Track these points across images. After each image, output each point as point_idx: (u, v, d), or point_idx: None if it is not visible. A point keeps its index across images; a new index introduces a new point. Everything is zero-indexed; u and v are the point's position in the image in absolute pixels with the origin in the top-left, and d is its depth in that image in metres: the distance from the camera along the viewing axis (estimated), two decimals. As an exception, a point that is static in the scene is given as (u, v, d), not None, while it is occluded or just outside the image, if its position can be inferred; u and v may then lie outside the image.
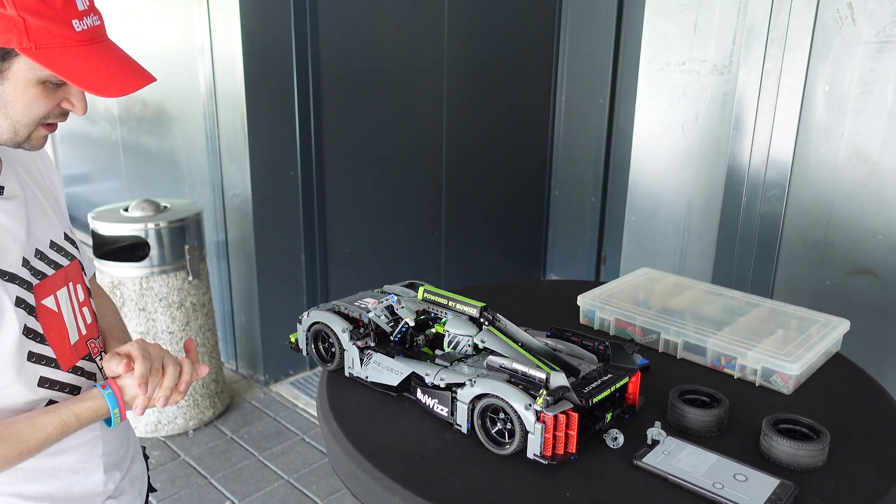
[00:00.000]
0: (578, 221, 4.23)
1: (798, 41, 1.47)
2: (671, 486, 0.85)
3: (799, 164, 1.52)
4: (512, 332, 1.02)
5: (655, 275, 1.40)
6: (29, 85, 0.87)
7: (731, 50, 1.57)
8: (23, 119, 0.89)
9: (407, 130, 3.42)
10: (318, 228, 3.20)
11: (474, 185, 3.81)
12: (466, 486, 0.86)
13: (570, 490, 0.84)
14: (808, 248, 1.54)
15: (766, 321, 1.20)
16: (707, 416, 0.94)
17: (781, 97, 1.52)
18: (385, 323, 1.08)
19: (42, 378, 0.95)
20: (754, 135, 1.56)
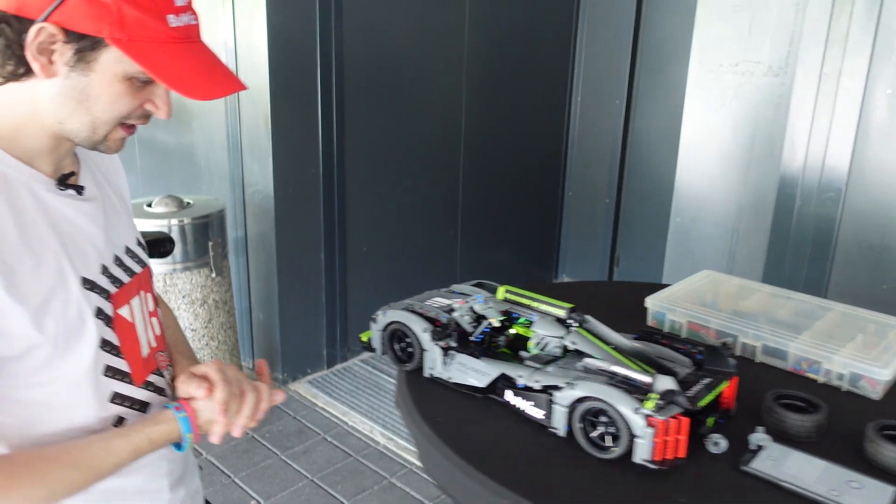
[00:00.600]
0: (591, 222, 4.22)
1: (859, 43, 1.46)
2: (785, 493, 0.83)
3: (857, 167, 1.51)
4: (603, 334, 1.00)
5: (718, 277, 1.39)
6: (115, 80, 0.83)
7: (788, 52, 1.57)
8: (104, 116, 0.85)
9: (426, 130, 3.40)
10: (337, 226, 3.17)
11: (490, 184, 3.80)
12: (575, 490, 0.84)
13: (683, 496, 0.83)
14: (864, 251, 1.54)
15: (842, 325, 1.19)
16: (808, 421, 0.93)
17: (840, 99, 1.52)
18: (468, 323, 1.06)
19: (115, 394, 0.91)
20: (810, 137, 1.56)
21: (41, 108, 0.84)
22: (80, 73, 0.81)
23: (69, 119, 0.84)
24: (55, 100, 0.83)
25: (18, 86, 0.83)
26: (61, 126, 0.85)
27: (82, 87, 0.83)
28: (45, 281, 0.82)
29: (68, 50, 0.80)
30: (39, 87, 0.82)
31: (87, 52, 0.80)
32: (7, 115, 0.85)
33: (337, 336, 3.33)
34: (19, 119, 0.85)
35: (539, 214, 4.21)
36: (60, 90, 0.82)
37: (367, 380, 3.25)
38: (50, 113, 0.84)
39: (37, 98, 0.83)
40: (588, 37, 3.94)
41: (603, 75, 3.96)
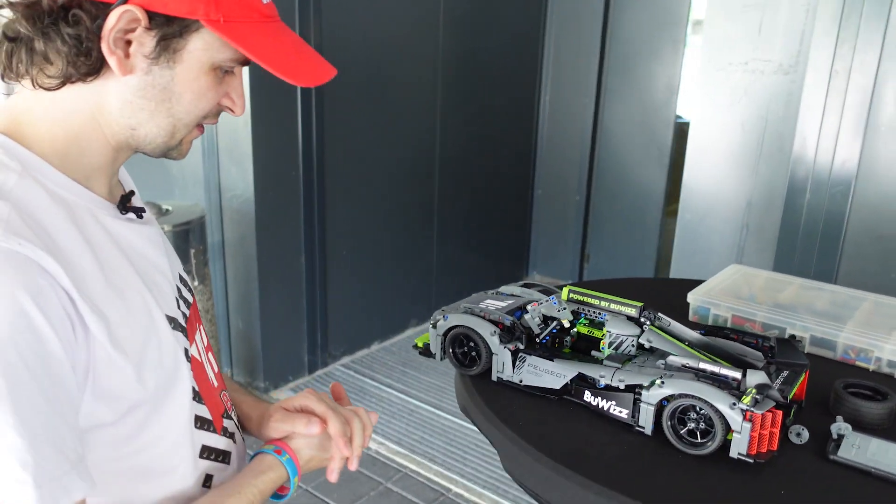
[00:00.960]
0: (562, 220, 4.28)
1: (869, 42, 1.52)
2: (876, 479, 0.86)
3: (866, 161, 1.57)
4: (677, 331, 1.01)
5: (748, 271, 1.42)
6: (202, 71, 0.72)
7: (798, 50, 1.61)
8: (186, 117, 0.74)
9: (402, 132, 3.39)
10: (318, 230, 3.12)
11: (464, 185, 3.81)
12: (676, 486, 0.84)
13: (781, 488, 0.84)
14: (874, 242, 1.60)
15: (879, 314, 1.23)
16: (881, 408, 0.96)
17: (850, 96, 1.57)
18: (537, 325, 1.05)
19: (203, 447, 0.81)
20: (820, 133, 1.61)
21: (108, 113, 0.72)
22: (164, 66, 0.70)
23: (145, 123, 0.73)
24: (130, 101, 0.71)
25: (80, 88, 0.70)
26: (132, 133, 0.73)
27: (165, 84, 0.71)
28: (138, 325, 0.71)
29: (150, 39, 0.68)
30: (108, 87, 0.70)
31: (174, 39, 0.69)
32: (64, 125, 0.71)
33: (318, 341, 3.28)
34: (77, 129, 0.72)
35: (510, 213, 4.24)
36: (137, 89, 0.71)
37: (350, 385, 3.21)
38: (120, 118, 0.72)
39: (103, 101, 0.71)
40: (556, 37, 3.99)
41: (571, 74, 4.01)
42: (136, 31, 0.68)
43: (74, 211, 0.70)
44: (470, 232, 3.94)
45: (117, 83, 0.71)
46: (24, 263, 0.61)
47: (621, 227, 4.07)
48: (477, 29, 3.60)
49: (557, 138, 4.16)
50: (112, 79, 0.71)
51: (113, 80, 0.71)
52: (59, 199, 0.70)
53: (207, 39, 0.70)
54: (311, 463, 0.86)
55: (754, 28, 1.66)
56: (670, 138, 3.83)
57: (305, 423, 0.86)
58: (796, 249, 1.69)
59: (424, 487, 2.55)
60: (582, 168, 4.12)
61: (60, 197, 0.70)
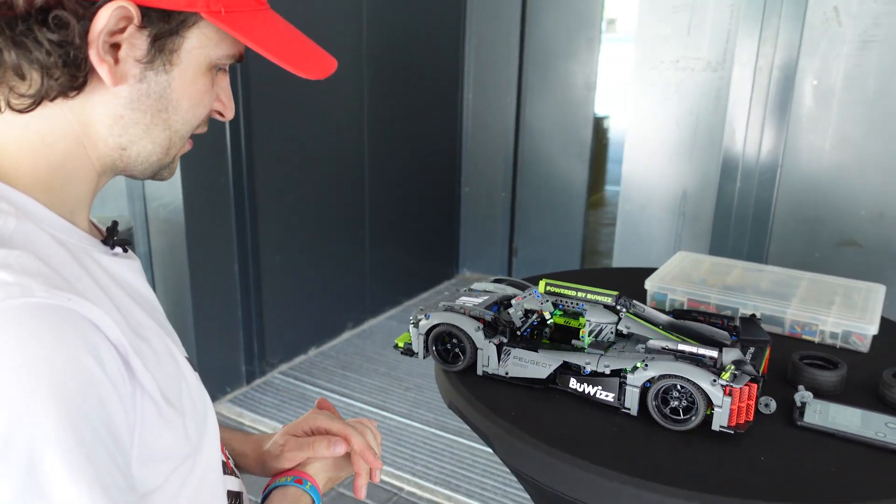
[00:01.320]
0: (489, 216, 4.36)
1: (788, 41, 1.64)
2: (840, 439, 0.94)
3: (790, 150, 1.70)
4: (651, 317, 1.07)
5: (695, 257, 1.51)
6: (199, 73, 0.64)
7: (725, 49, 1.73)
8: (183, 128, 0.66)
9: (331, 134, 3.38)
10: (250, 236, 3.06)
11: (393, 186, 3.82)
12: (665, 461, 0.90)
13: (762, 454, 0.92)
14: (800, 224, 1.73)
15: (817, 291, 1.34)
16: (835, 376, 1.05)
17: (773, 91, 1.69)
18: (518, 318, 1.09)
19: (228, 492, 0.75)
20: (748, 126, 1.73)
21: (95, 133, 0.62)
22: (160, 70, 0.61)
23: (138, 141, 0.63)
24: (121, 116, 0.61)
25: (60, 106, 0.59)
26: (122, 154, 0.64)
27: (160, 92, 0.62)
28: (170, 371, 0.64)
29: (142, 39, 0.59)
30: (93, 102, 0.60)
31: (169, 38, 0.60)
32: (45, 154, 0.61)
33: (255, 350, 3.22)
34: (61, 156, 0.61)
35: (439, 212, 4.28)
36: (128, 101, 0.61)
37: (290, 392, 3.17)
38: (109, 138, 0.62)
39: (89, 120, 0.61)
40: (476, 38, 4.06)
41: (492, 74, 4.09)
42: (127, 32, 0.58)
43: (74, 253, 0.61)
44: (401, 233, 3.96)
45: (105, 96, 0.60)
46: (80, 322, 0.52)
47: (547, 219, 4.19)
48: (400, 32, 3.62)
49: (481, 136, 4.24)
50: (98, 91, 0.60)
51: (99, 92, 0.60)
52: (59, 241, 0.60)
53: (205, 34, 0.62)
54: (328, 485, 0.84)
55: (683, 28, 1.76)
56: (590, 133, 3.98)
57: (328, 446, 0.82)
58: (730, 234, 1.80)
59: (377, 489, 2.55)
60: (506, 164, 4.21)
61: (58, 238, 0.60)
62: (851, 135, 1.65)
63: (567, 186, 4.06)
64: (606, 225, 5.77)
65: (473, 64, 4.11)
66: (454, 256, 4.49)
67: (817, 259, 1.72)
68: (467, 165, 4.28)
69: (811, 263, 1.72)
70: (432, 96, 4.00)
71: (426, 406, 3.01)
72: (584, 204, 4.02)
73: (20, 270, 0.52)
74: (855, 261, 1.69)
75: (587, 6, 3.82)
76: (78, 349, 0.51)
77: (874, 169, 1.65)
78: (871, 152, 1.65)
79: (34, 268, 0.53)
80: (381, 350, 3.52)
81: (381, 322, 3.86)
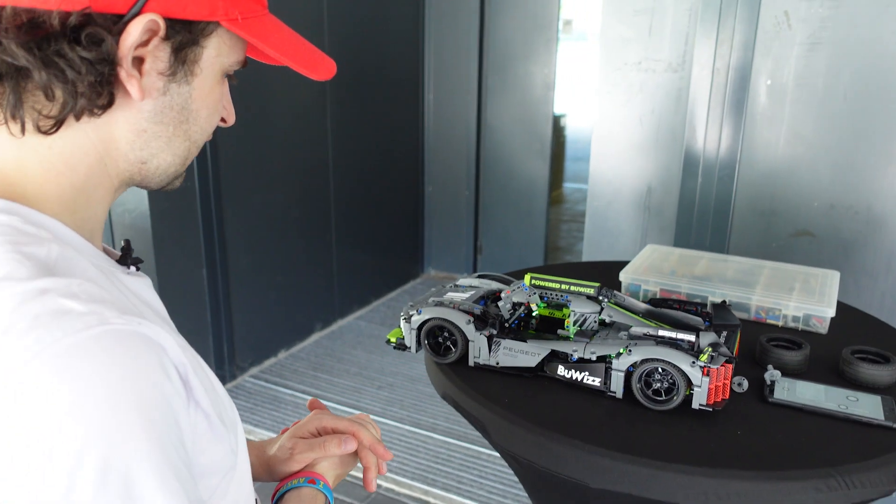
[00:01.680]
0: (453, 215, 4.42)
1: (744, 43, 1.74)
2: (807, 413, 1.02)
3: (746, 147, 1.80)
4: (631, 306, 1.14)
5: (663, 249, 1.59)
6: (216, 81, 0.64)
7: (684, 50, 1.82)
8: (200, 137, 0.66)
9: (295, 138, 3.39)
10: (217, 240, 3.06)
11: (358, 188, 3.85)
12: (651, 438, 0.97)
13: (738, 428, 0.99)
14: (757, 217, 1.83)
15: (778, 278, 1.43)
16: (800, 356, 1.14)
17: (729, 90, 1.79)
18: (507, 310, 1.15)
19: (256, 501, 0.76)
20: (707, 124, 1.82)
21: (117, 149, 0.61)
22: (182, 81, 0.61)
23: (159, 154, 0.63)
24: (144, 130, 0.61)
25: (83, 126, 0.59)
26: (141, 167, 0.63)
27: (183, 103, 0.62)
28: (209, 385, 0.64)
29: (165, 51, 0.59)
30: (116, 118, 0.60)
31: (190, 48, 0.60)
32: (69, 176, 0.60)
33: (225, 354, 3.21)
34: (84, 177, 0.61)
35: (404, 212, 4.33)
36: (152, 114, 0.61)
37: (262, 395, 3.17)
38: (130, 153, 0.62)
39: (111, 137, 0.60)
40: (435, 39, 4.12)
41: (453, 75, 4.15)
42: (151, 44, 0.57)
43: (107, 275, 0.60)
44: (366, 233, 3.99)
45: (128, 111, 0.60)
46: (150, 344, 0.52)
47: (510, 217, 4.27)
48: (360, 36, 3.65)
49: (443, 136, 4.29)
50: (122, 107, 0.59)
51: (123, 108, 0.59)
52: (94, 265, 0.59)
53: (222, 42, 0.62)
54: (335, 482, 0.85)
55: (645, 31, 1.85)
56: (550, 131, 4.07)
57: (338, 444, 0.84)
58: (693, 227, 1.89)
59: (355, 487, 2.59)
60: (469, 163, 4.27)
61: (92, 262, 0.59)
62: (803, 131, 1.76)
63: (529, 184, 4.14)
64: (566, 221, 5.89)
65: (433, 65, 4.17)
66: (419, 255, 4.54)
67: (775, 249, 1.82)
68: (430, 165, 4.33)
69: (769, 253, 1.83)
70: (394, 98, 4.04)
71: (399, 404, 3.05)
72: (546, 201, 4.11)
73: (88, 299, 0.52)
74: (809, 249, 1.80)
75: (544, 8, 3.91)
76: (156, 372, 0.52)
77: (825, 163, 1.76)
78: (822, 148, 1.76)
79: (99, 295, 0.53)
80: (351, 350, 3.55)
81: (350, 322, 3.88)
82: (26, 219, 0.57)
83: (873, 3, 1.66)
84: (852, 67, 1.70)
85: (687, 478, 0.90)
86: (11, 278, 0.51)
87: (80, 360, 0.48)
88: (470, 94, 4.10)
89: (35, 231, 0.56)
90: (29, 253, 0.53)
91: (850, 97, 1.71)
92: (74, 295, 0.51)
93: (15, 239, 0.54)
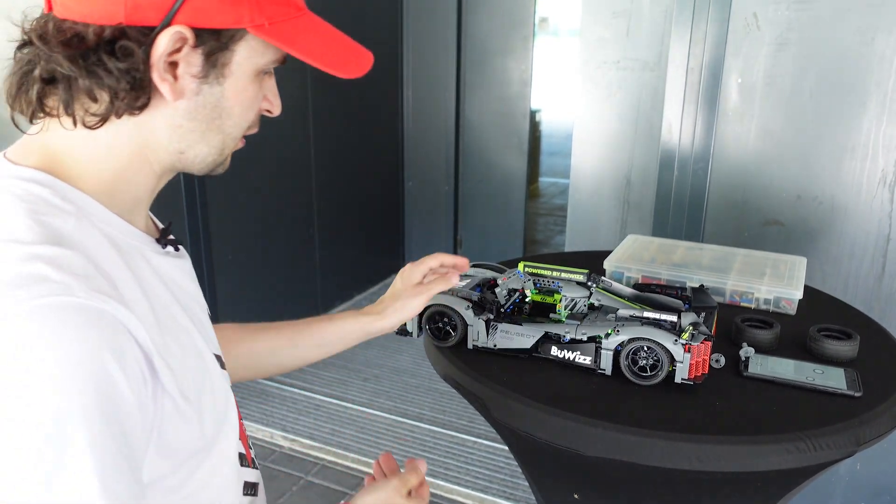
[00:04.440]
0: (433, 209, 4.50)
1: (715, 43, 1.84)
2: (779, 385, 1.12)
3: (719, 142, 1.90)
4: (616, 290, 1.23)
5: (643, 239, 1.69)
6: (248, 81, 0.69)
7: (660, 50, 1.91)
8: (235, 131, 0.72)
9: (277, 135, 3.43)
10: (202, 236, 3.09)
11: (339, 182, 3.90)
12: (638, 410, 1.05)
13: (717, 400, 1.09)
14: (730, 207, 1.94)
15: (750, 265, 1.54)
16: (771, 334, 1.24)
17: (703, 88, 1.89)
18: (503, 297, 1.23)
19: (245, 483, 0.81)
20: (682, 120, 1.92)
21: (156, 141, 0.69)
22: (213, 83, 0.67)
23: (195, 145, 0.70)
24: (180, 125, 0.68)
25: (125, 121, 0.66)
26: (180, 156, 0.70)
27: (215, 102, 0.68)
28: (195, 369, 0.69)
29: (197, 57, 0.65)
30: (155, 115, 0.67)
31: (221, 53, 0.66)
32: (110, 161, 0.68)
33: (211, 349, 3.25)
34: (125, 163, 0.68)
35: (385, 208, 4.39)
36: (186, 112, 0.67)
37: (251, 389, 3.22)
38: (169, 144, 0.69)
39: (151, 131, 0.68)
40: (413, 36, 4.18)
41: (431, 72, 4.22)
42: (183, 51, 0.64)
43: (126, 252, 0.66)
44: (348, 229, 4.05)
45: (165, 109, 0.67)
46: (110, 323, 0.57)
47: (489, 210, 4.36)
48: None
49: (423, 132, 4.36)
50: (159, 106, 0.67)
51: (160, 107, 0.67)
52: (113, 241, 0.65)
53: (252, 46, 0.68)
54: None
55: (623, 32, 1.94)
56: (527, 127, 4.16)
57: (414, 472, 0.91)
58: (669, 218, 2.00)
59: (344, 475, 2.65)
60: (448, 158, 4.35)
61: (112, 238, 0.66)
62: (772, 127, 1.87)
63: (507, 178, 4.23)
64: (543, 215, 6.00)
65: (412, 62, 4.23)
66: (401, 249, 4.60)
67: (746, 237, 1.93)
68: (410, 161, 4.39)
69: (742, 241, 1.93)
70: (374, 95, 4.10)
71: (385, 395, 3.12)
72: (524, 195, 4.21)
73: (67, 269, 0.57)
74: (778, 237, 1.91)
75: (520, 5, 3.99)
76: (103, 351, 0.56)
77: (792, 157, 1.87)
78: (789, 142, 1.87)
79: (80, 268, 0.58)
80: (337, 343, 3.60)
81: (334, 316, 3.93)
82: (58, 192, 0.64)
83: (836, 5, 1.77)
84: (817, 67, 1.81)
85: (671, 444, 0.99)
86: (17, 240, 0.58)
87: (37, 325, 0.54)
88: (448, 90, 4.17)
89: (61, 204, 0.63)
90: (44, 222, 0.60)
91: (815, 94, 1.83)
92: (57, 264, 0.57)
93: (37, 208, 0.61)
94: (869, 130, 1.79)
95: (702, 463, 0.98)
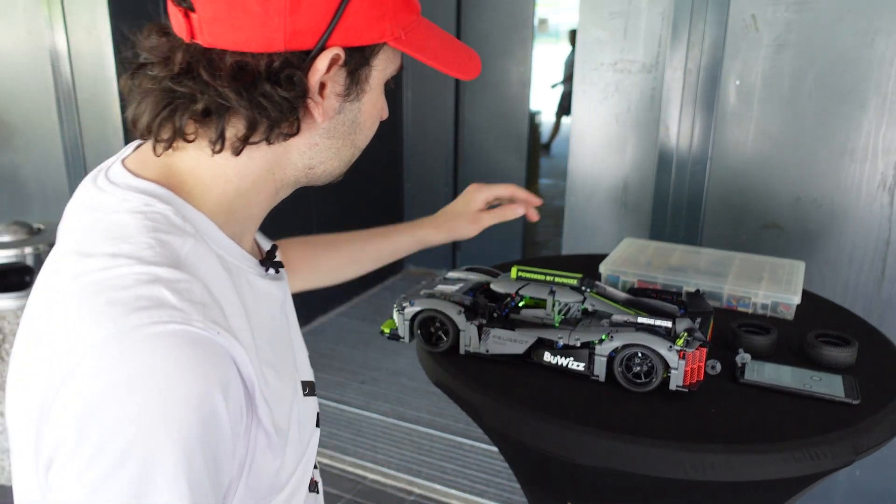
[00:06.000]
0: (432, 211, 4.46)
1: (713, 45, 1.82)
2: (776, 392, 1.10)
3: (717, 144, 1.89)
4: (611, 294, 1.21)
5: (639, 242, 1.67)
6: (380, 93, 0.69)
7: (658, 52, 1.89)
8: (364, 143, 0.72)
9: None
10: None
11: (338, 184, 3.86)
12: (632, 417, 1.04)
13: (712, 407, 1.07)
14: (728, 210, 1.92)
15: (748, 269, 1.52)
16: (768, 340, 1.22)
17: (700, 90, 1.88)
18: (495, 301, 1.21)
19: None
20: (680, 122, 1.90)
21: (288, 160, 0.67)
22: (353, 100, 0.66)
23: (327, 161, 0.69)
24: (317, 144, 0.67)
25: (265, 145, 0.64)
26: (309, 172, 0.69)
27: (353, 118, 0.67)
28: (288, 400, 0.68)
29: (342, 75, 0.64)
30: (298, 137, 0.65)
31: (362, 69, 0.65)
32: (237, 182, 0.66)
33: (208, 351, 3.23)
34: (251, 184, 0.67)
35: (384, 209, 4.38)
36: (326, 130, 0.66)
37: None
38: (300, 161, 0.68)
39: (284, 151, 0.66)
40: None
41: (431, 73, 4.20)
42: (332, 71, 0.63)
43: (234, 275, 0.65)
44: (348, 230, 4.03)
45: (307, 131, 0.65)
46: (222, 357, 0.56)
47: (488, 214, 4.33)
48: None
49: (422, 134, 4.35)
50: (305, 128, 0.65)
51: (305, 128, 0.65)
52: (225, 264, 0.64)
53: (387, 58, 0.67)
54: None
55: (620, 33, 1.93)
56: (526, 128, 4.15)
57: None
58: (667, 221, 1.98)
59: (341, 479, 2.64)
60: (447, 160, 4.34)
61: (224, 261, 0.64)
62: (770, 129, 1.85)
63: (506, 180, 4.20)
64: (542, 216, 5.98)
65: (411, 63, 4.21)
66: (399, 252, 4.58)
67: (744, 240, 1.91)
68: (409, 163, 4.38)
69: (739, 244, 1.92)
70: (373, 95, 4.08)
71: (383, 398, 3.11)
72: (522, 197, 4.19)
73: (186, 296, 0.56)
74: (776, 241, 1.89)
75: (519, 7, 3.98)
76: (213, 384, 0.55)
77: (790, 159, 1.85)
78: (788, 144, 1.85)
79: (199, 296, 0.57)
80: (334, 346, 3.60)
81: (332, 318, 3.92)
82: (179, 211, 0.62)
83: (835, 7, 1.76)
84: (816, 69, 1.79)
85: (666, 452, 0.97)
86: (138, 259, 0.56)
87: (153, 353, 0.53)
88: (448, 91, 4.16)
89: (181, 224, 0.61)
90: (165, 241, 0.59)
91: (814, 97, 1.81)
92: (178, 291, 0.56)
93: (159, 227, 0.60)
94: (868, 133, 1.78)
95: (696, 472, 0.96)
